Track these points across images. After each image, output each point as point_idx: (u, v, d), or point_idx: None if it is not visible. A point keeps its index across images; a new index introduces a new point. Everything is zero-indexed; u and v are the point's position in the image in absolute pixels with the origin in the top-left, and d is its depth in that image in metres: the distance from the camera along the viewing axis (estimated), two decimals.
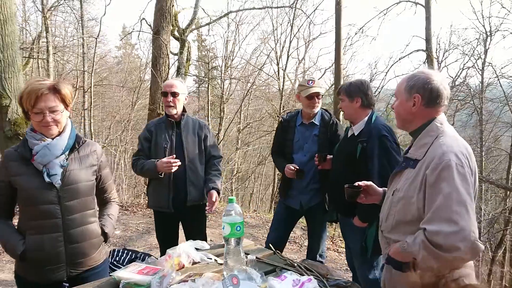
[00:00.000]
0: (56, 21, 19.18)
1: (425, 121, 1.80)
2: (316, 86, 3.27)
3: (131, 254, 2.77)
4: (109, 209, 2.23)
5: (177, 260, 1.95)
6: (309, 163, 3.32)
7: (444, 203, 1.56)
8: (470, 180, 1.61)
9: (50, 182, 1.90)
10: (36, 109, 1.89)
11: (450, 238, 1.50)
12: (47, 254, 1.92)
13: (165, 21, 11.35)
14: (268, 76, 17.66)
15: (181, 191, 3.14)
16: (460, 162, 1.62)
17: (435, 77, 1.78)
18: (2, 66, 6.65)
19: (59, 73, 18.82)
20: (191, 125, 3.23)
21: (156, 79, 11.11)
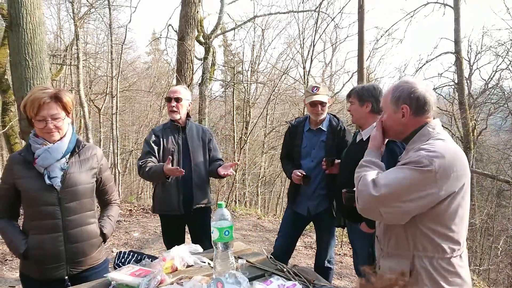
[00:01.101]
0: (88, 28, 19.91)
1: (416, 128, 1.80)
2: (320, 94, 3.24)
3: (136, 256, 2.83)
4: (109, 211, 2.31)
5: (170, 263, 1.99)
6: (316, 169, 3.31)
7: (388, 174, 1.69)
8: (432, 177, 1.60)
9: (51, 184, 2.00)
10: (39, 116, 2.00)
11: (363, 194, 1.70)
12: (48, 253, 2.01)
13: (189, 27, 11.54)
14: (294, 80, 17.65)
15: (188, 193, 3.21)
16: (431, 160, 1.60)
17: (419, 86, 1.78)
18: (31, 73, 6.96)
19: (91, 79, 19.48)
20: (195, 130, 3.33)
21: (181, 84, 11.32)
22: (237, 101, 17.02)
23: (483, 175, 10.63)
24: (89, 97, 18.39)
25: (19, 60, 6.92)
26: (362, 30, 9.29)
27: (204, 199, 3.31)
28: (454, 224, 1.68)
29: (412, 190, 1.60)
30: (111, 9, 13.42)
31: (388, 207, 1.62)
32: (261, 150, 18.18)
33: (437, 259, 1.69)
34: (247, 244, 5.54)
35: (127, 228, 5.95)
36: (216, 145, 3.48)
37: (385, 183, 1.62)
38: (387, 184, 1.61)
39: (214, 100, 21.11)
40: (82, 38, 19.63)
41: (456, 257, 1.72)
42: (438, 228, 1.67)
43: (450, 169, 1.61)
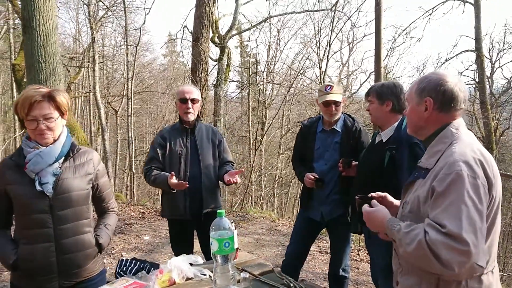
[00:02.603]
0: (106, 31, 20.07)
1: (439, 126, 1.61)
2: (334, 93, 3.07)
3: (139, 265, 2.70)
4: (106, 219, 2.18)
5: (167, 276, 1.86)
6: (330, 173, 3.13)
7: (452, 220, 1.35)
8: (483, 194, 1.40)
9: (42, 190, 1.87)
10: (30, 116, 1.87)
11: (453, 254, 1.32)
12: (39, 264, 1.89)
13: (204, 28, 11.48)
14: (311, 81, 17.43)
15: (196, 197, 3.08)
16: (473, 173, 1.41)
17: (449, 79, 1.58)
18: (44, 75, 6.95)
19: (108, 82, 19.65)
20: (204, 131, 3.18)
21: (195, 86, 11.25)
22: (253, 102, 16.91)
23: (506, 176, 10.25)
24: (106, 99, 18.56)
25: (32, 63, 6.93)
26: (379, 28, 9.07)
27: (214, 203, 3.17)
28: (488, 236, 1.49)
29: (480, 214, 1.39)
30: (127, 12, 13.45)
31: (478, 249, 1.34)
32: (277, 151, 18.02)
33: (466, 278, 1.48)
34: (260, 249, 5.42)
35: (138, 231, 5.86)
36: (226, 146, 3.34)
37: (463, 229, 1.33)
38: (466, 229, 1.33)
39: (230, 102, 21.09)
40: (100, 41, 19.85)
41: (487, 273, 1.51)
42: None
43: (487, 175, 1.44)
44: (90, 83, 17.11)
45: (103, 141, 12.96)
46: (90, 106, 18.99)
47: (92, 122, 19.57)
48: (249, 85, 15.16)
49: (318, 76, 16.29)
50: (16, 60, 11.56)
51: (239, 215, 7.16)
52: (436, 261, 1.34)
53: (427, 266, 1.39)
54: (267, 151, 18.37)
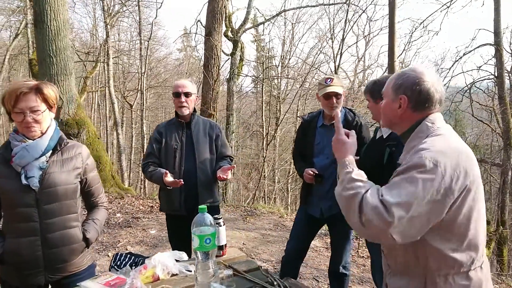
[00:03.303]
0: (122, 26, 20.24)
1: (413, 123, 1.57)
2: (335, 85, 3.00)
3: (133, 259, 2.70)
4: (95, 214, 2.17)
5: (151, 272, 1.83)
6: (330, 168, 3.07)
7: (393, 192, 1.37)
8: (439, 182, 1.35)
9: (27, 184, 1.86)
10: (17, 108, 1.86)
11: (375, 218, 1.34)
12: (25, 258, 1.88)
13: (216, 22, 11.44)
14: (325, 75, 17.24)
15: (192, 192, 3.05)
16: (436, 161, 1.37)
17: (427, 78, 1.53)
18: (55, 70, 7.03)
19: (125, 76, 19.84)
20: (201, 126, 3.14)
21: (208, 80, 11.25)
22: (267, 96, 16.83)
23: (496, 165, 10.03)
24: (122, 93, 18.76)
25: (43, 57, 7.02)
26: (393, 22, 8.86)
27: (210, 198, 3.14)
28: (469, 230, 1.44)
29: (425, 202, 1.35)
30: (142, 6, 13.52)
31: (401, 228, 1.34)
32: (291, 146, 17.92)
33: (453, 275, 1.45)
34: (265, 244, 5.38)
35: (145, 225, 5.88)
36: (225, 140, 3.30)
37: (397, 202, 1.33)
38: (399, 203, 1.33)
39: (246, 96, 21.06)
40: (117, 36, 20.03)
41: (475, 269, 1.47)
42: (450, 238, 1.44)
43: (456, 168, 1.39)
44: (105, 77, 17.29)
45: (117, 135, 13.09)
46: (106, 101, 19.20)
47: (108, 116, 19.81)
48: (262, 80, 15.07)
49: (333, 70, 16.16)
50: (33, 55, 11.74)
51: (247, 210, 7.13)
52: (358, 216, 1.37)
53: (347, 215, 1.43)
54: (281, 145, 18.30)
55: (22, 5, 16.16)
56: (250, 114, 21.64)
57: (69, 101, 7.05)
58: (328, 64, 17.91)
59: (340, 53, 12.41)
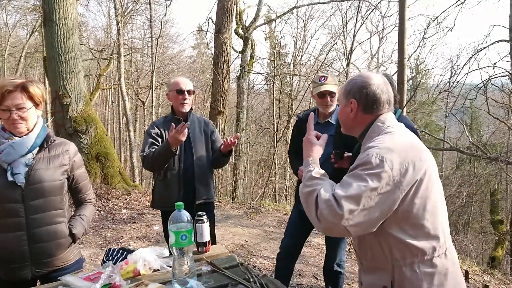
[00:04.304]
0: (135, 24, 20.42)
1: (367, 125, 1.66)
2: (329, 84, 2.99)
3: (126, 254, 2.73)
4: (82, 210, 2.20)
5: (132, 267, 1.85)
6: (324, 166, 3.00)
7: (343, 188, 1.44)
8: (387, 177, 1.43)
9: (13, 181, 1.90)
10: (3, 106, 1.90)
11: (328, 212, 1.42)
12: (11, 253, 1.92)
13: (226, 19, 11.46)
14: (338, 73, 17.16)
15: (189, 188, 3.07)
16: (382, 157, 1.45)
17: (373, 81, 1.63)
18: (64, 67, 7.14)
19: (138, 74, 20.03)
20: (197, 123, 3.17)
21: (217, 77, 11.29)
22: (277, 94, 16.80)
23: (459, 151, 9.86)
24: (135, 91, 18.95)
25: (52, 55, 7.13)
26: (403, 18, 8.72)
27: (206, 194, 3.16)
28: (425, 219, 1.50)
29: (374, 195, 1.42)
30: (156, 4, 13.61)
31: (354, 220, 1.41)
32: None
33: (418, 263, 1.51)
34: (267, 241, 5.39)
35: (149, 221, 5.95)
36: (219, 136, 3.32)
37: (346, 196, 1.41)
38: (348, 197, 1.41)
39: (258, 94, 21.05)
40: (130, 33, 20.21)
41: (439, 256, 1.53)
42: (408, 228, 1.50)
43: (404, 162, 1.46)
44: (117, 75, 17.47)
45: (128, 132, 13.23)
46: (118, 98, 19.44)
47: (121, 113, 20.04)
48: (273, 77, 15.04)
49: (345, 67, 16.05)
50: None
51: (253, 207, 7.15)
52: (314, 211, 1.45)
53: (307, 211, 1.52)
54: None
55: (37, 3, 16.44)
56: (263, 111, 21.64)
57: (78, 99, 7.16)
58: (341, 61, 17.81)
59: (351, 50, 12.26)
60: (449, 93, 13.09)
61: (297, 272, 4.33)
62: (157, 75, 14.64)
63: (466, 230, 16.20)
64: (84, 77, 13.42)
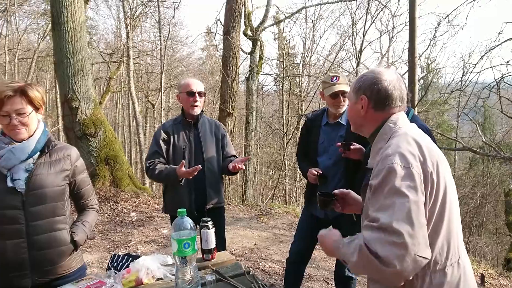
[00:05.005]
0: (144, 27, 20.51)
1: (378, 124, 1.56)
2: (341, 83, 2.91)
3: (131, 260, 2.68)
4: (84, 216, 2.14)
5: (134, 276, 1.79)
6: (334, 167, 2.97)
7: (384, 212, 1.30)
8: (419, 183, 1.33)
9: (13, 186, 1.85)
10: (3, 112, 1.85)
11: (390, 248, 1.25)
12: (10, 261, 1.87)
13: (235, 20, 11.42)
14: (348, 73, 17.02)
15: (200, 193, 3.01)
16: (407, 163, 1.34)
17: (385, 77, 1.54)
18: (73, 71, 7.14)
19: (148, 76, 20.10)
20: (208, 125, 3.10)
21: (226, 79, 11.24)
22: (286, 95, 16.71)
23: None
24: (144, 93, 19.01)
25: (61, 58, 7.14)
26: (413, 16, 8.62)
27: (217, 198, 3.10)
28: (442, 226, 1.41)
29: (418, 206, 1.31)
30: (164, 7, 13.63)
31: (420, 239, 1.27)
32: None
33: (430, 273, 1.42)
34: (277, 244, 5.31)
35: (158, 224, 5.91)
36: (229, 141, 3.25)
37: (395, 219, 1.26)
38: (398, 219, 1.26)
39: (268, 95, 20.98)
40: (139, 36, 20.30)
41: (451, 265, 1.44)
42: None
43: (425, 166, 1.37)
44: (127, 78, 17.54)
45: (137, 134, 13.25)
46: (128, 101, 19.53)
47: (131, 116, 20.12)
48: (282, 78, 14.95)
49: (355, 67, 15.89)
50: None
51: (262, 210, 7.07)
52: (377, 262, 1.27)
53: (374, 271, 1.32)
54: None
55: (48, 8, 16.59)
56: (272, 113, 21.56)
57: (86, 102, 7.15)
58: (350, 61, 17.66)
59: (361, 50, 12.12)
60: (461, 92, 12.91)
61: (308, 277, 4.24)
62: (166, 78, 14.66)
63: (480, 231, 15.93)
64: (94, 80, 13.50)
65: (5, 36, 16.63)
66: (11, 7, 14.91)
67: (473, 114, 13.02)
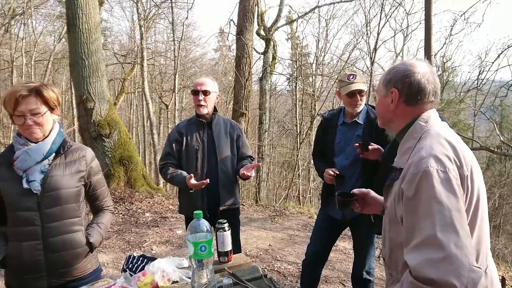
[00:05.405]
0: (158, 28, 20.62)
1: (409, 120, 1.46)
2: (358, 82, 2.85)
3: (146, 262, 2.66)
4: (99, 218, 2.12)
5: (150, 278, 1.76)
6: (351, 168, 2.91)
7: (424, 223, 1.19)
8: (458, 187, 1.23)
9: (29, 188, 1.84)
10: (17, 112, 1.84)
11: (440, 267, 1.12)
12: (26, 263, 1.86)
13: (248, 20, 11.39)
14: (362, 72, 16.86)
15: (213, 194, 2.98)
16: (443, 166, 1.24)
17: (418, 69, 1.44)
18: (88, 72, 7.18)
19: (162, 77, 20.21)
20: (222, 125, 3.06)
21: (239, 79, 11.22)
22: (301, 94, 16.63)
23: None
24: (158, 94, 19.11)
25: (76, 60, 7.19)
26: (429, 14, 8.48)
27: (231, 200, 3.06)
28: (473, 233, 1.31)
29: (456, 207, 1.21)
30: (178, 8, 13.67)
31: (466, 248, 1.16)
32: None
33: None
34: (292, 245, 5.26)
35: (172, 224, 5.90)
36: (245, 141, 3.20)
37: (438, 230, 1.15)
38: (442, 229, 1.15)
39: (281, 95, 20.92)
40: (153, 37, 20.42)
41: None
42: None
43: (461, 169, 1.28)
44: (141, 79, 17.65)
45: (151, 135, 13.32)
46: (142, 102, 19.66)
47: (145, 116, 20.24)
48: (296, 78, 14.88)
49: (369, 66, 15.73)
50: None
51: (277, 210, 7.02)
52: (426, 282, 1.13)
53: None
54: None
55: (64, 10, 16.80)
56: (285, 113, 21.48)
57: (101, 102, 7.19)
58: (364, 60, 17.50)
59: (375, 49, 11.99)
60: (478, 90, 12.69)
61: (324, 278, 4.18)
62: (180, 78, 14.70)
63: (497, 232, 15.63)
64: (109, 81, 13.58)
65: (22, 38, 16.88)
66: (27, 10, 15.12)
67: (490, 113, 12.79)
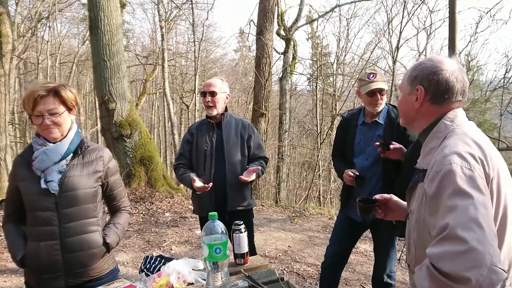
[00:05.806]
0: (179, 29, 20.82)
1: (433, 119, 1.38)
2: (378, 81, 2.79)
3: (164, 262, 2.66)
4: (116, 218, 2.13)
5: (165, 280, 1.75)
6: (372, 169, 2.84)
7: (446, 219, 1.12)
8: (483, 185, 1.16)
9: (47, 188, 1.86)
10: (36, 111, 1.86)
11: (457, 261, 1.05)
12: (43, 262, 1.87)
13: (268, 21, 11.37)
14: (384, 71, 16.62)
15: (221, 195, 2.97)
16: (468, 164, 1.17)
17: (446, 66, 1.36)
18: (109, 73, 7.28)
19: (183, 78, 20.39)
20: (233, 125, 3.03)
21: (259, 79, 11.20)
22: (321, 94, 16.50)
23: None
24: (179, 95, 19.28)
25: (98, 61, 7.30)
26: (453, 11, 8.23)
27: (241, 202, 3.02)
28: (504, 237, 1.24)
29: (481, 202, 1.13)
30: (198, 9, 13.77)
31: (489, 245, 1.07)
32: None
33: None
34: (311, 247, 5.20)
35: (191, 224, 5.92)
36: (259, 141, 3.16)
37: (458, 223, 1.08)
38: (462, 223, 1.08)
39: (301, 95, 20.81)
40: (174, 38, 20.63)
41: (511, 285, 1.26)
42: None
43: (487, 168, 1.21)
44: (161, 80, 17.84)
45: (172, 135, 13.43)
46: (163, 102, 19.87)
47: (166, 117, 20.46)
48: (316, 78, 14.76)
49: (391, 65, 15.48)
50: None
51: (296, 211, 6.96)
52: (449, 281, 1.07)
53: None
54: None
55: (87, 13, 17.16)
56: (306, 113, 21.36)
57: (122, 103, 7.28)
58: (386, 59, 17.25)
59: (397, 48, 11.79)
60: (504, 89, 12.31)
61: (343, 281, 4.11)
62: (200, 79, 14.78)
63: None
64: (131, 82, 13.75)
65: (48, 41, 17.31)
66: (53, 13, 15.48)
67: None
